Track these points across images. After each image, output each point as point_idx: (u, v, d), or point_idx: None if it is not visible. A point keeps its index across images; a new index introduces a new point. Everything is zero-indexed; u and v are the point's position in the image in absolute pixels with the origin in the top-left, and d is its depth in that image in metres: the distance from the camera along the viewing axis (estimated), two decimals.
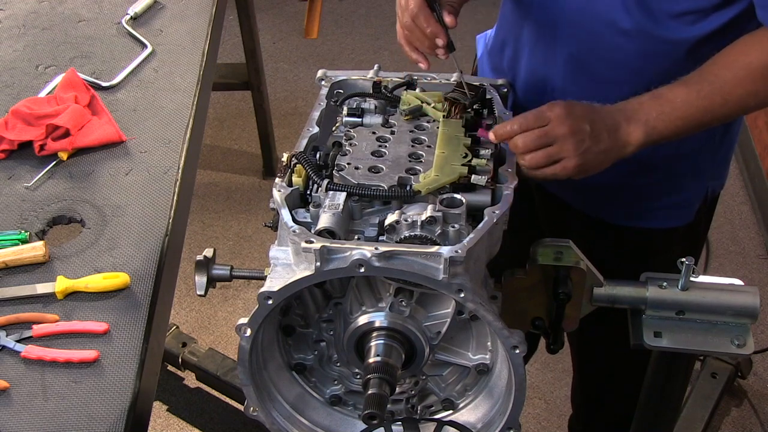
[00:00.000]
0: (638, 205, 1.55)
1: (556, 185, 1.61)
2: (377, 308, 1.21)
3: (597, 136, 1.24)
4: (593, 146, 1.24)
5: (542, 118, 1.23)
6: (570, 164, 1.24)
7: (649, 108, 1.26)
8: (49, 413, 1.29)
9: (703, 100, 1.26)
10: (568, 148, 1.23)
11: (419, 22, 1.32)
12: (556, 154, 1.24)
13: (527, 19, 1.47)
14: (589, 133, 1.23)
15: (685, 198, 1.54)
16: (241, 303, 3.01)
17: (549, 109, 1.24)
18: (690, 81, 1.27)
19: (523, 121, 1.24)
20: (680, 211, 1.55)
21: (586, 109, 1.26)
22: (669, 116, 1.26)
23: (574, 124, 1.22)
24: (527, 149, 1.24)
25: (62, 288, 1.44)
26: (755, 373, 2.70)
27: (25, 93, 1.89)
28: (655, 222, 1.56)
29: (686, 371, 1.41)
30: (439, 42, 1.33)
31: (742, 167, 3.49)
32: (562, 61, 1.42)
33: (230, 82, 3.28)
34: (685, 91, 1.26)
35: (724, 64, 1.26)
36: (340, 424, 1.34)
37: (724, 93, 1.25)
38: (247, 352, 1.17)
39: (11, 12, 2.19)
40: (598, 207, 1.58)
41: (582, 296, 1.30)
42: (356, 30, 4.42)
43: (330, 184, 1.18)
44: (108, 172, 1.70)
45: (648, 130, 1.26)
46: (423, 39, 1.34)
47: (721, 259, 3.11)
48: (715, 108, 1.27)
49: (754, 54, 1.25)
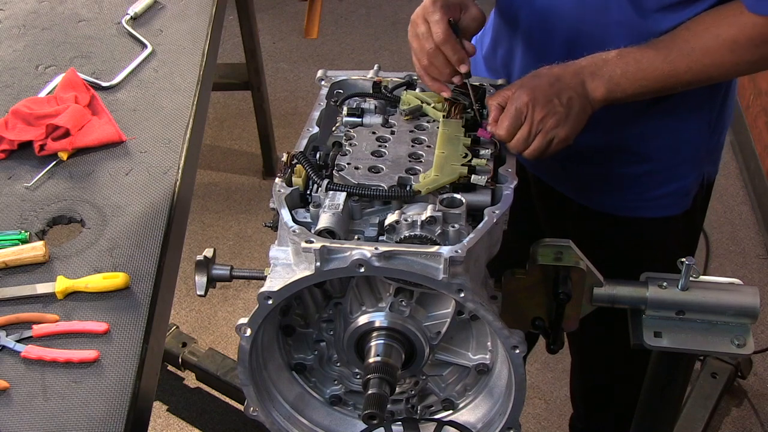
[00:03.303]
0: (637, 194, 1.56)
1: (555, 179, 1.62)
2: (377, 308, 1.21)
3: (569, 102, 1.29)
4: (569, 111, 1.29)
5: (517, 114, 1.28)
6: (560, 137, 1.29)
7: (614, 65, 1.31)
8: (49, 413, 1.29)
9: (668, 65, 1.29)
10: (551, 126, 1.28)
11: (446, 50, 1.33)
12: (547, 137, 1.29)
13: (519, 16, 1.48)
14: (561, 103, 1.29)
15: (683, 185, 1.55)
16: (241, 303, 3.01)
17: (516, 101, 1.28)
18: (659, 44, 1.31)
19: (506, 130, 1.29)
20: (678, 198, 1.56)
21: (550, 79, 1.30)
22: (633, 76, 1.30)
23: (546, 103, 1.28)
24: (521, 149, 1.30)
25: (62, 288, 1.44)
26: (755, 373, 2.70)
27: (25, 93, 1.89)
28: (654, 211, 1.57)
29: (686, 371, 1.41)
30: (463, 69, 1.33)
31: (742, 167, 3.49)
32: (555, 55, 1.43)
33: (230, 82, 3.28)
34: (652, 54, 1.30)
35: (695, 32, 1.29)
36: (340, 424, 1.34)
37: (691, 61, 1.29)
38: (247, 352, 1.17)
39: (11, 12, 2.19)
40: (597, 198, 1.58)
41: (582, 296, 1.30)
42: (356, 30, 4.42)
43: (330, 184, 1.18)
44: (108, 172, 1.70)
45: (611, 86, 1.31)
46: (445, 67, 1.34)
47: (721, 259, 3.11)
48: (679, 74, 1.30)
49: (724, 27, 1.27)
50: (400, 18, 4.46)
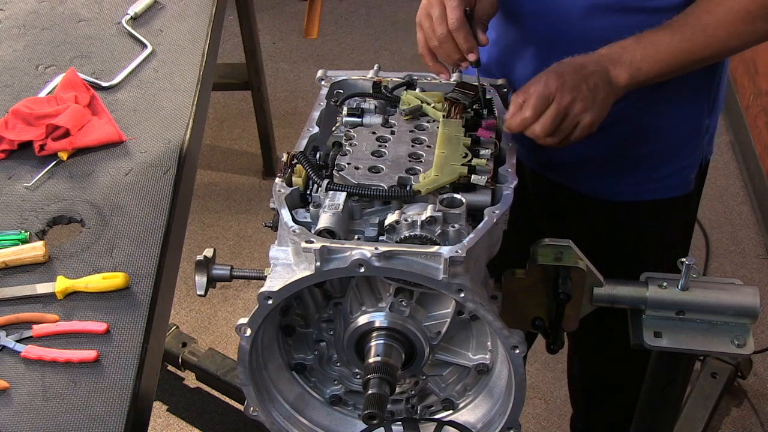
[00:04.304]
0: (642, 175, 1.57)
1: (554, 169, 1.62)
2: (377, 308, 1.21)
3: (595, 88, 1.29)
4: (596, 97, 1.29)
5: (545, 96, 1.27)
6: (586, 122, 1.29)
7: (633, 51, 1.32)
8: (49, 413, 1.29)
9: (686, 43, 1.31)
10: (578, 111, 1.28)
11: (458, 37, 1.33)
12: (573, 121, 1.29)
13: (520, 14, 1.48)
14: (588, 88, 1.28)
15: (685, 165, 1.57)
16: (241, 303, 3.01)
17: (544, 85, 1.27)
18: (674, 24, 1.32)
19: (533, 109, 1.27)
20: (681, 178, 1.58)
21: (575, 66, 1.31)
22: (653, 58, 1.31)
23: (573, 88, 1.27)
24: (547, 132, 1.28)
25: (62, 288, 1.44)
26: (755, 373, 2.70)
27: (25, 93, 1.89)
28: (658, 193, 1.58)
29: (686, 371, 1.41)
30: (472, 57, 1.34)
31: (742, 167, 3.48)
32: (558, 50, 1.44)
33: (230, 82, 3.28)
34: (669, 34, 1.31)
35: (706, 8, 1.31)
36: (340, 424, 1.34)
37: (707, 35, 1.30)
38: (247, 352, 1.17)
39: (11, 12, 2.19)
40: (599, 183, 1.59)
41: (582, 296, 1.30)
42: (356, 30, 4.42)
43: (330, 184, 1.18)
44: (108, 172, 1.70)
45: (633, 71, 1.31)
46: (454, 53, 1.35)
47: (721, 259, 3.11)
48: (697, 50, 1.32)
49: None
50: (400, 18, 4.46)
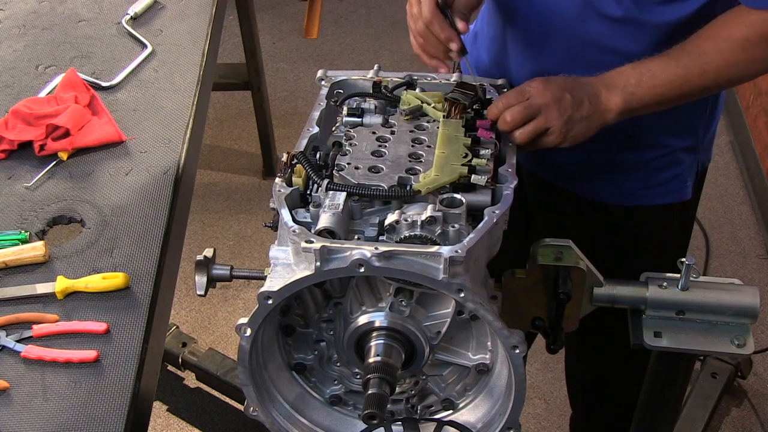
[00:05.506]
0: (639, 180, 1.57)
1: (552, 172, 1.62)
2: (377, 308, 1.21)
3: (578, 104, 1.29)
4: (575, 113, 1.29)
5: (523, 92, 1.30)
6: (556, 130, 1.29)
7: (628, 76, 1.31)
8: (49, 413, 1.29)
9: (681, 69, 1.30)
10: (552, 116, 1.28)
11: (433, 29, 1.35)
12: (543, 124, 1.29)
13: (515, 14, 1.48)
14: (570, 100, 1.29)
15: (683, 171, 1.56)
16: (241, 303, 3.01)
17: (528, 84, 1.30)
18: (671, 53, 1.32)
19: (505, 99, 1.30)
20: (678, 185, 1.58)
21: (566, 79, 1.32)
22: (648, 83, 1.31)
23: (554, 93, 1.28)
24: (515, 124, 1.29)
25: (62, 288, 1.44)
26: (755, 373, 2.70)
27: (25, 93, 1.89)
28: (654, 198, 1.58)
29: (686, 371, 1.41)
30: (453, 46, 1.36)
31: (742, 167, 3.48)
32: (553, 53, 1.44)
33: (230, 82, 3.28)
34: (665, 61, 1.31)
35: (705, 36, 1.31)
36: (340, 424, 1.34)
37: (703, 63, 1.30)
38: (247, 352, 1.17)
39: (11, 12, 2.19)
40: (597, 187, 1.59)
41: (582, 296, 1.30)
42: (356, 30, 4.42)
43: (330, 184, 1.18)
44: (108, 172, 1.70)
45: (626, 96, 1.31)
46: (437, 45, 1.37)
47: (721, 259, 3.11)
48: (693, 77, 1.31)
49: (734, 27, 1.28)
50: (400, 18, 4.46)
